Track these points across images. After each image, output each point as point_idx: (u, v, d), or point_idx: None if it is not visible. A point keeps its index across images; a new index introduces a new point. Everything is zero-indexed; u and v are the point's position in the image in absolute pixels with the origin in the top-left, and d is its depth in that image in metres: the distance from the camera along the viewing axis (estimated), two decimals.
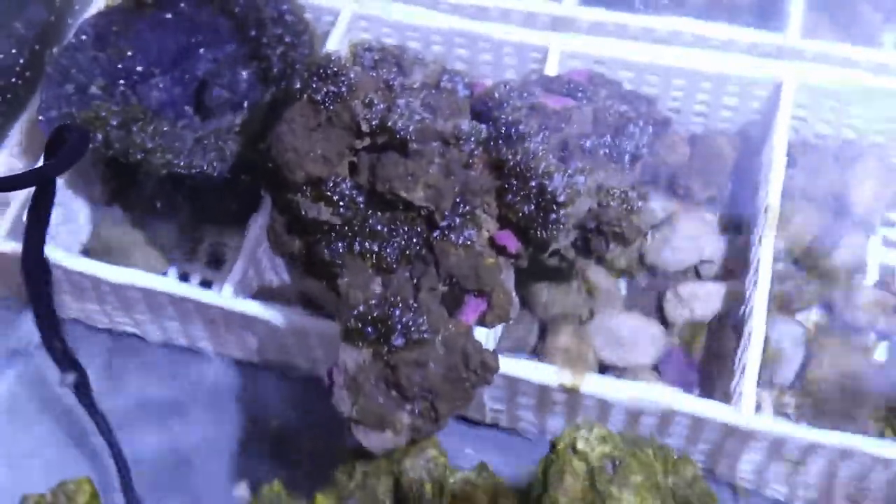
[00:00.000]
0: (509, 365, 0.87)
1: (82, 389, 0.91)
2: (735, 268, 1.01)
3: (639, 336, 0.98)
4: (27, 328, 1.03)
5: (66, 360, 0.90)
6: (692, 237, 1.02)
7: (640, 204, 0.86)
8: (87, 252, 1.09)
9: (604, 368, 0.98)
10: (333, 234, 0.81)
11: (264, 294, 0.99)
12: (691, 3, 1.12)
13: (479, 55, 1.12)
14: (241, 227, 1.00)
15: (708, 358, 0.97)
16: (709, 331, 0.98)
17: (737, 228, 1.04)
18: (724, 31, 1.06)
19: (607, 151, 0.87)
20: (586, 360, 0.95)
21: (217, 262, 1.10)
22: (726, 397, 0.90)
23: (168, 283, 0.96)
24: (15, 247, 0.97)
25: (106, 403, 0.94)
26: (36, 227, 0.82)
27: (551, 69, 1.06)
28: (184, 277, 1.09)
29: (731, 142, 1.09)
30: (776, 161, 0.98)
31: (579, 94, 0.93)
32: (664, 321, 1.00)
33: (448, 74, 0.89)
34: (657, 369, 0.98)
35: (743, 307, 0.94)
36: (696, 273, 1.03)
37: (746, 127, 1.09)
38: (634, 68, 1.07)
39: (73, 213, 1.07)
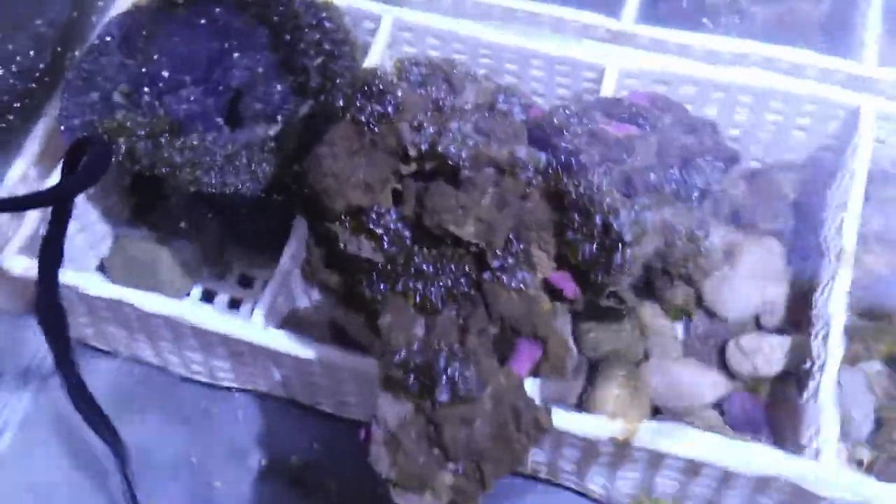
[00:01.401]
0: (558, 417, 0.80)
1: (102, 429, 0.85)
2: (800, 313, 0.93)
3: (699, 380, 0.90)
4: (40, 346, 0.98)
5: (79, 392, 0.83)
6: (755, 272, 0.95)
7: (707, 244, 0.79)
8: (104, 268, 1.02)
9: (659, 411, 0.90)
10: (375, 273, 0.74)
11: (294, 321, 0.91)
12: (758, 20, 1.04)
13: (529, 70, 1.04)
14: (272, 248, 0.93)
15: (775, 405, 0.89)
16: (773, 385, 0.91)
17: (802, 266, 0.96)
18: (795, 55, 0.99)
19: (674, 187, 0.79)
20: (641, 407, 0.88)
21: (246, 281, 1.04)
22: (797, 446, 0.83)
23: (192, 312, 0.88)
24: (28, 264, 0.91)
25: (123, 435, 0.87)
26: (53, 248, 0.75)
27: (608, 87, 0.99)
28: (210, 297, 1.03)
29: (797, 171, 1.02)
30: (852, 198, 0.91)
31: (641, 120, 0.86)
32: (724, 369, 0.93)
33: (503, 94, 0.83)
34: (720, 410, 0.91)
35: (809, 363, 0.86)
36: (756, 321, 0.95)
37: (816, 155, 1.02)
38: (698, 85, 0.99)
39: (90, 225, 1.00)
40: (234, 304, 1.03)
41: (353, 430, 0.94)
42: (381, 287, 0.74)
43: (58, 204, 0.73)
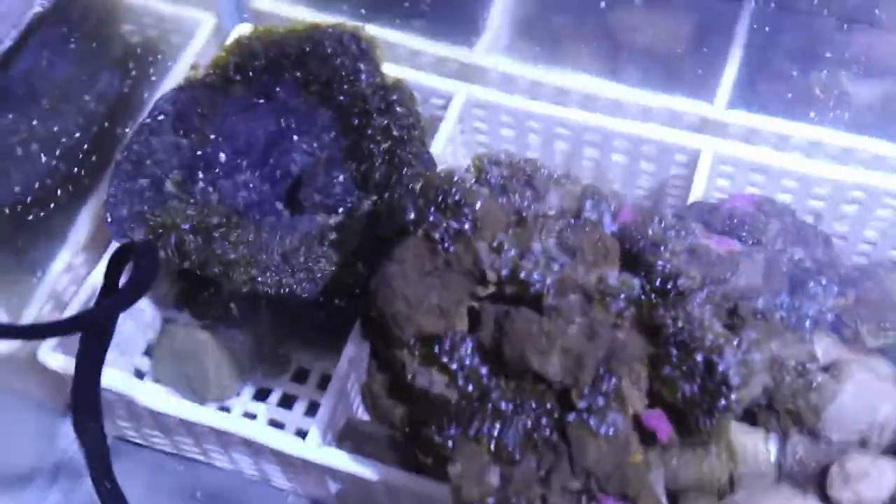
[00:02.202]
0: None
1: None
2: None
3: None
4: (70, 440, 0.92)
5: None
6: (863, 393, 0.85)
7: (820, 379, 0.70)
8: (150, 353, 0.96)
9: None
10: (446, 414, 0.66)
11: (353, 435, 0.84)
12: (870, 112, 0.94)
13: (610, 154, 0.96)
14: (330, 349, 0.85)
15: None
16: None
17: None
18: None
19: (784, 315, 0.70)
20: None
21: (301, 372, 0.97)
22: None
23: (241, 425, 0.81)
24: (63, 362, 0.84)
25: None
26: (90, 369, 0.68)
27: (701, 175, 0.90)
28: (262, 392, 0.96)
29: None
30: None
31: (745, 231, 0.77)
32: (823, 496, 0.83)
33: (591, 200, 0.74)
34: None
35: None
36: (862, 442, 0.85)
37: None
38: (800, 181, 0.90)
39: (137, 309, 0.94)
40: (287, 400, 0.96)
41: None
42: (452, 431, 0.66)
43: (97, 328, 0.66)
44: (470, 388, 0.66)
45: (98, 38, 0.91)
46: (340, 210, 0.85)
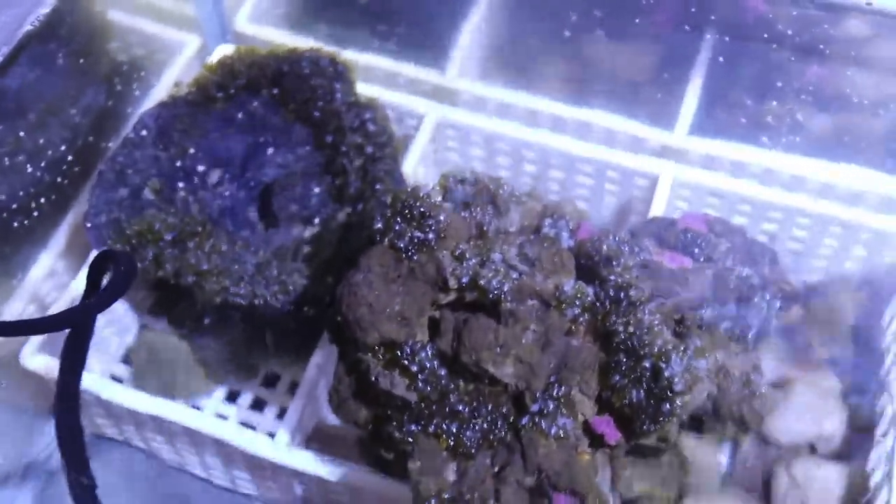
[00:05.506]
0: None
1: None
2: (859, 446, 0.87)
3: None
4: (47, 441, 0.95)
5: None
6: (809, 406, 0.89)
7: (762, 389, 0.74)
8: (129, 359, 0.99)
9: None
10: (407, 413, 0.70)
11: (321, 438, 0.87)
12: (819, 136, 0.99)
13: (576, 176, 1.00)
14: (299, 356, 0.89)
15: None
16: None
17: (861, 394, 0.91)
18: (856, 178, 0.94)
19: (728, 326, 0.74)
20: None
21: (272, 378, 1.00)
22: None
23: (213, 425, 0.85)
24: (48, 363, 0.87)
25: None
26: (73, 365, 0.71)
27: (660, 198, 0.94)
28: (233, 396, 0.99)
29: (855, 294, 0.96)
30: None
31: (696, 249, 0.81)
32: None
33: (550, 219, 0.78)
34: None
35: None
36: (811, 448, 0.89)
37: (875, 277, 0.96)
38: (754, 205, 0.94)
39: (116, 315, 0.97)
40: (258, 404, 1.00)
41: None
42: (413, 428, 0.69)
43: (80, 325, 0.69)
44: (429, 389, 0.70)
45: (85, 55, 0.95)
46: (316, 220, 0.89)
